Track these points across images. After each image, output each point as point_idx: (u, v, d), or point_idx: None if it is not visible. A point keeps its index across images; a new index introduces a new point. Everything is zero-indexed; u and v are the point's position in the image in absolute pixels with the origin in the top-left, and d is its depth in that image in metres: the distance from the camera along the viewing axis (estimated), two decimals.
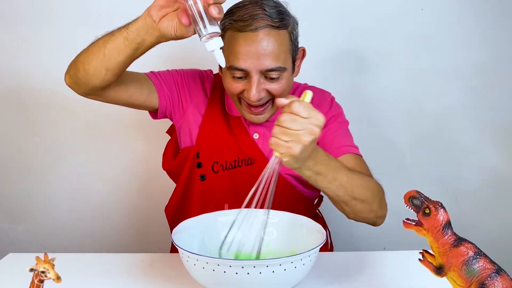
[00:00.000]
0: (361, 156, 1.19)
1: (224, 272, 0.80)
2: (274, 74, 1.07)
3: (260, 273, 0.79)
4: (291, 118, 0.83)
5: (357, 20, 1.60)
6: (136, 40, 0.93)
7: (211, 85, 1.25)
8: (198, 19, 0.84)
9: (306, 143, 0.84)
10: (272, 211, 1.00)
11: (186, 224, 0.97)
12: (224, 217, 1.01)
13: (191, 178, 1.23)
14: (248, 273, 0.79)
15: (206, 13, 0.84)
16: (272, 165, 0.87)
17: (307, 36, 1.25)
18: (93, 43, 1.02)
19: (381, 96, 1.65)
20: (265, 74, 1.07)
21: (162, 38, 0.91)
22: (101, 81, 1.02)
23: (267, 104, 1.13)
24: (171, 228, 1.33)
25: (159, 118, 1.24)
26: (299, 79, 1.31)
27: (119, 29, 0.97)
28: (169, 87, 1.20)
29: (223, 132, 1.21)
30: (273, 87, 1.09)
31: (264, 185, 0.87)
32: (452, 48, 1.62)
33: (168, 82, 1.21)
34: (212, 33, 0.85)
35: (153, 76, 1.19)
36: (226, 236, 0.95)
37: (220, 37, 0.86)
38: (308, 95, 0.87)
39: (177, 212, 1.29)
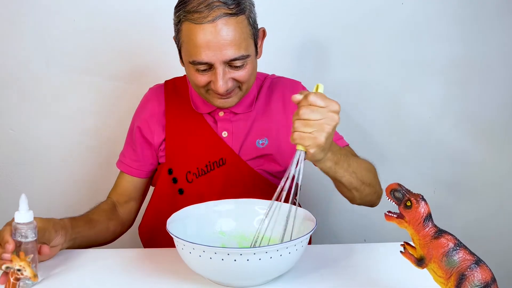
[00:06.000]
0: (348, 144, 1.21)
1: (210, 258, 0.82)
2: (238, 63, 1.05)
3: (248, 260, 0.81)
4: (310, 110, 0.86)
5: (337, 14, 1.60)
6: None
7: (164, 95, 1.23)
8: None
9: (329, 130, 0.87)
10: (264, 201, 1.03)
11: (180, 214, 0.99)
12: (217, 206, 1.04)
13: (169, 194, 1.21)
14: (235, 260, 0.81)
15: None
16: (296, 160, 0.87)
17: (286, 30, 1.24)
18: None
19: (360, 89, 1.66)
20: (229, 63, 1.05)
21: None
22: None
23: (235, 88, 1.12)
24: (145, 247, 1.29)
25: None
26: (275, 72, 1.30)
27: None
28: (137, 156, 1.23)
29: (190, 139, 1.19)
30: (239, 74, 1.07)
31: (291, 182, 0.88)
32: (430, 41, 1.63)
33: (136, 153, 1.23)
34: None
35: (126, 168, 1.24)
36: (258, 229, 0.95)
37: None
38: (320, 87, 0.91)
39: (153, 229, 1.26)
